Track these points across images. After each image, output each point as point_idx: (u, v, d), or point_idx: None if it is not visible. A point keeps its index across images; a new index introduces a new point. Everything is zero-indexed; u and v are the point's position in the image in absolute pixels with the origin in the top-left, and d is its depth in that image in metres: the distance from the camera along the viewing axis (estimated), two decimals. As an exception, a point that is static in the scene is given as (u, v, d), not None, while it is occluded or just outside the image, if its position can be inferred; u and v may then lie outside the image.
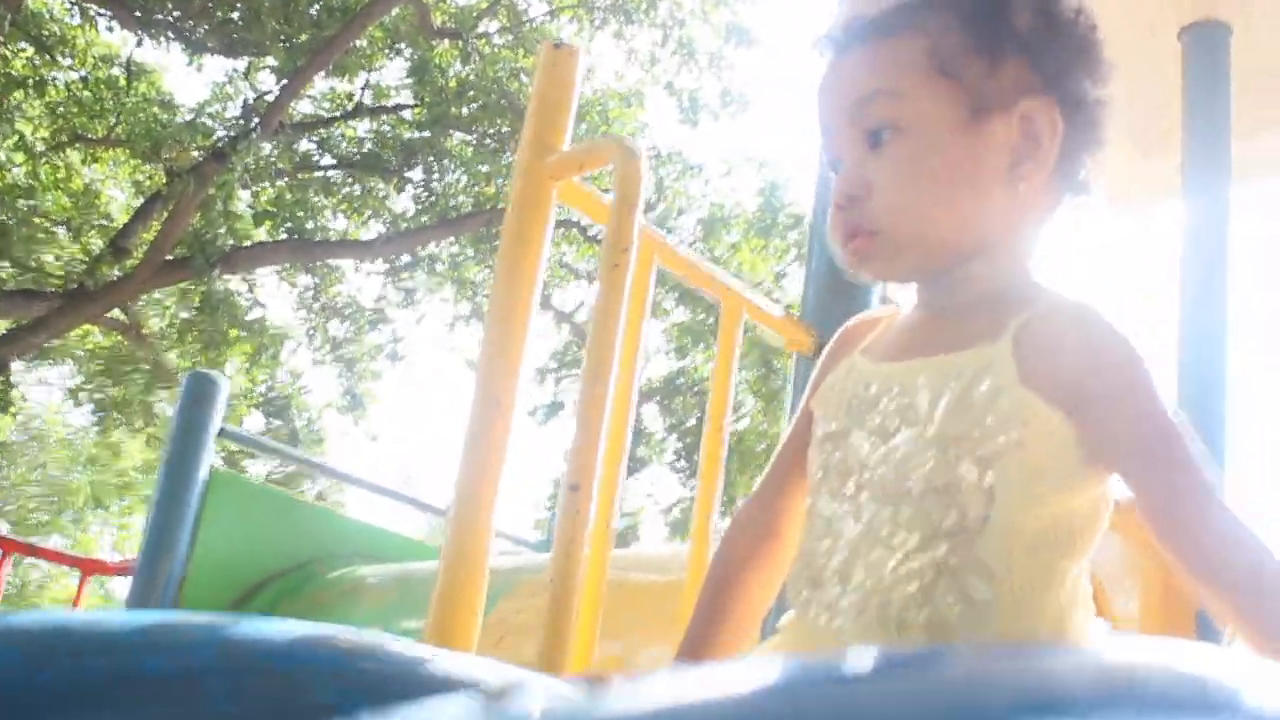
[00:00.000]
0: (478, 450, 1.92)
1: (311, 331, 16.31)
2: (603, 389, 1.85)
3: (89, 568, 5.22)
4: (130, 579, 3.92)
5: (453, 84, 14.05)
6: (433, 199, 14.64)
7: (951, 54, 1.28)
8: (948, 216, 1.28)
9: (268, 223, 14.64)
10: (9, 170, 13.86)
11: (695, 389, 15.49)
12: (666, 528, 16.75)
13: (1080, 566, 1.24)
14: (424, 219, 14.64)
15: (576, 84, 2.12)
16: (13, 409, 13.75)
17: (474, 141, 14.50)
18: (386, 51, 14.64)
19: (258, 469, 17.32)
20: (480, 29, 14.06)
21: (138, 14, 13.19)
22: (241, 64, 14.44)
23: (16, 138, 13.32)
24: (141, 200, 14.58)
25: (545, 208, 2.02)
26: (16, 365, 14.29)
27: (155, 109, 14.08)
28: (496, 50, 14.11)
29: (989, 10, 1.30)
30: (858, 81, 1.31)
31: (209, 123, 14.13)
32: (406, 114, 14.88)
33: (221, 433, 3.89)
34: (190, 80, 37.38)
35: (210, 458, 3.84)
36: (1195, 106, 3.61)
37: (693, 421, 15.49)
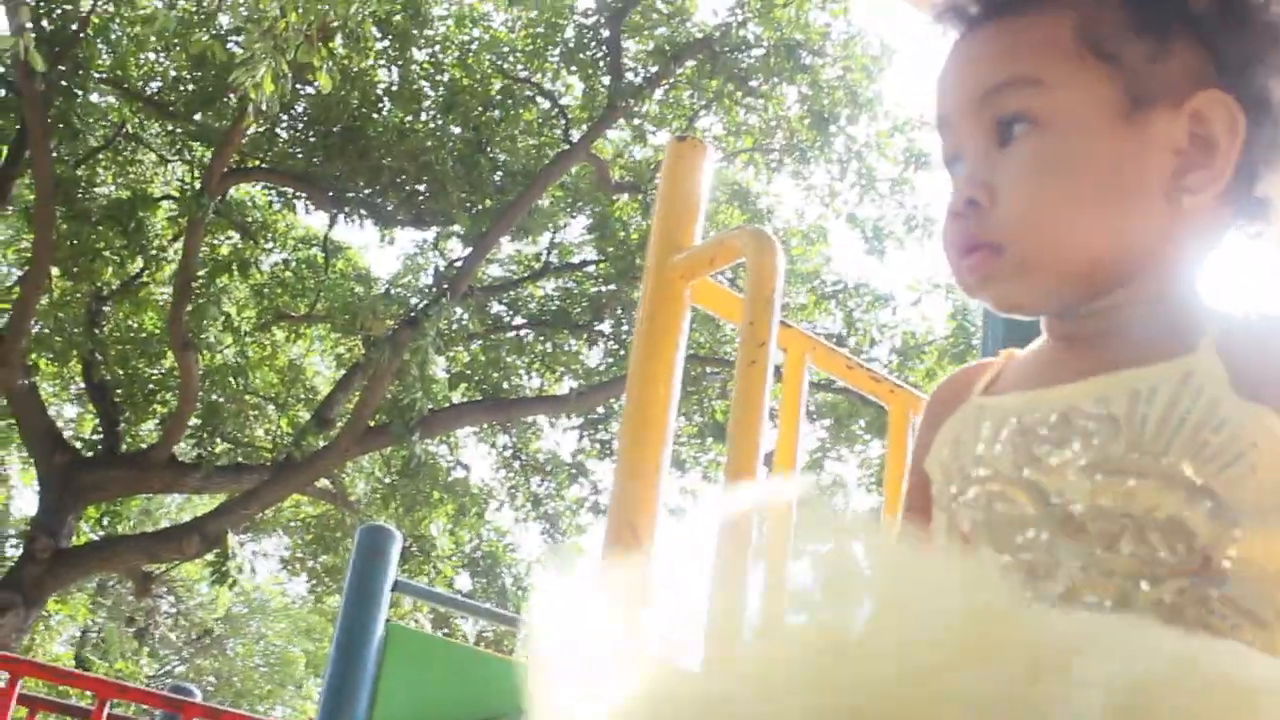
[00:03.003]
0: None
1: (513, 489, 16.44)
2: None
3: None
4: (314, 741, 3.84)
5: (634, 236, 14.19)
6: (623, 350, 14.71)
7: (1108, 32, 1.03)
8: (1090, 231, 1.02)
9: (463, 385, 14.91)
10: (219, 351, 14.47)
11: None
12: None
13: None
14: (615, 370, 14.70)
15: (705, 178, 1.98)
16: (230, 580, 14.09)
17: (660, 291, 14.56)
18: (568, 210, 14.92)
19: (469, 628, 17.40)
20: (657, 180, 14.23)
21: (331, 194, 13.75)
22: (430, 234, 14.90)
23: (224, 319, 13.90)
24: (343, 372, 15.04)
25: (678, 310, 1.87)
26: (233, 539, 14.71)
27: (352, 284, 14.58)
28: (676, 199, 14.23)
29: None
30: (989, 66, 1.07)
31: (403, 293, 14.54)
32: (591, 269, 15.08)
33: (396, 586, 3.82)
34: (384, 254, 38.92)
35: (385, 613, 3.76)
36: None
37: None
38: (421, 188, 13.69)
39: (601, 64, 13.75)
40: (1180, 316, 1.03)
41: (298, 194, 14.44)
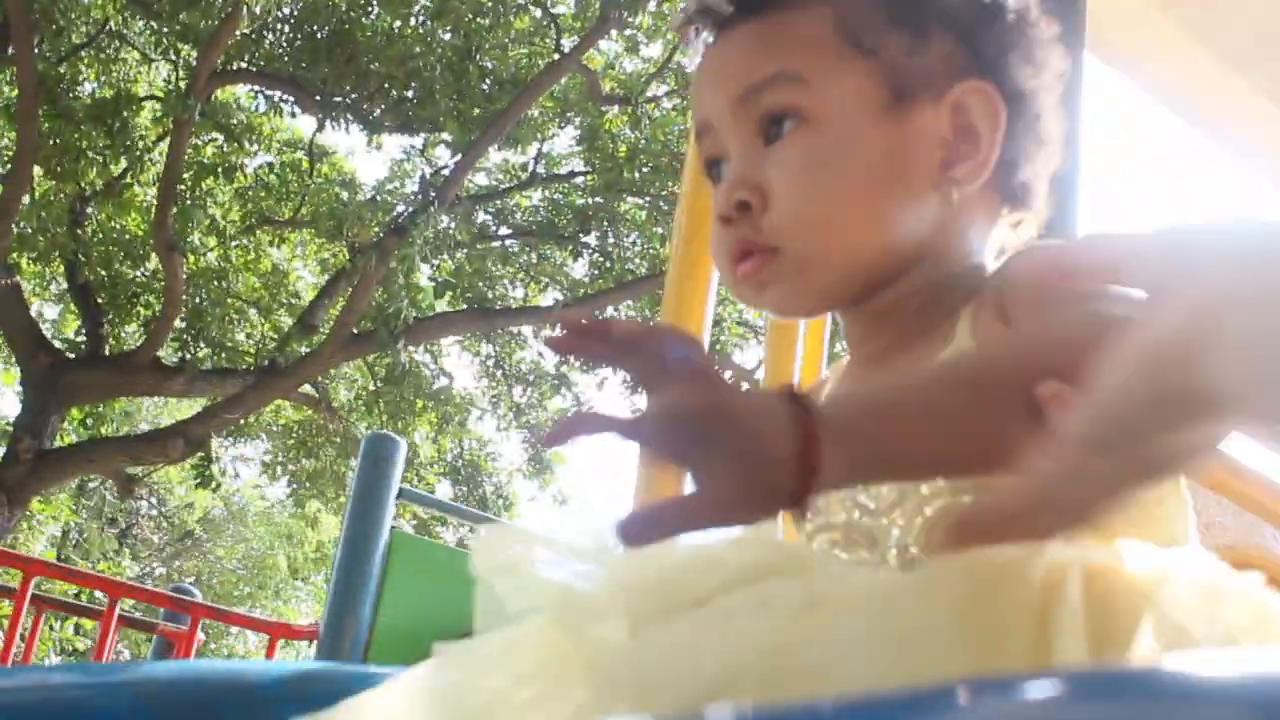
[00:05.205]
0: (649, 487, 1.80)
1: (495, 399, 16.50)
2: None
3: (277, 632, 5.27)
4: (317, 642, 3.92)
5: (623, 149, 14.13)
6: (608, 264, 14.71)
7: (866, 26, 1.02)
8: (864, 224, 1.01)
9: (449, 294, 14.90)
10: (203, 254, 14.40)
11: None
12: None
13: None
14: (600, 283, 14.71)
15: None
16: (214, 484, 14.15)
17: (647, 205, 14.56)
18: (557, 120, 14.83)
19: (449, 536, 17.55)
20: (649, 93, 14.14)
21: (318, 98, 13.62)
22: (418, 141, 14.80)
23: (208, 222, 13.82)
24: (327, 278, 15.00)
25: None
26: (215, 443, 14.74)
27: (338, 189, 14.50)
28: (666, 114, 14.17)
29: None
30: (749, 64, 1.04)
31: (388, 199, 14.48)
32: (579, 181, 15.02)
33: (401, 494, 3.86)
34: (370, 159, 38.61)
35: (390, 519, 3.80)
36: None
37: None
38: (409, 94, 13.57)
39: (595, -27, 13.60)
40: (951, 300, 1.02)
41: (284, 97, 14.29)
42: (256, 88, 14.32)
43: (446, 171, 13.95)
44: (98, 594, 13.29)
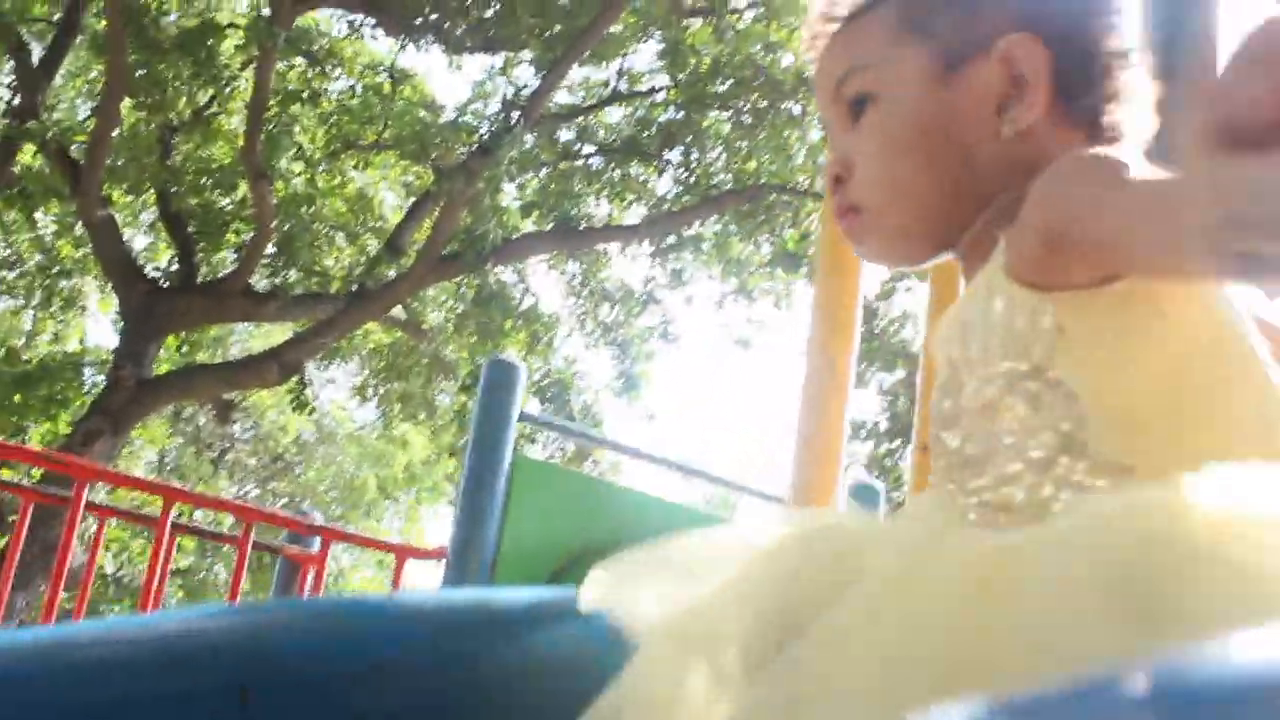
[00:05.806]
0: (814, 419, 1.82)
1: (583, 317, 16.57)
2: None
3: (403, 553, 5.39)
4: (441, 564, 4.00)
5: (706, 63, 14.00)
6: (693, 179, 14.64)
7: (921, 13, 1.18)
8: (928, 179, 1.15)
9: (534, 213, 14.93)
10: (290, 180, 14.53)
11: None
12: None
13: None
14: (686, 199, 14.66)
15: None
16: (309, 408, 14.40)
17: (730, 119, 14.46)
18: (639, 35, 14.71)
19: (536, 453, 17.72)
20: (731, 5, 13.98)
21: (399, 20, 13.62)
22: (499, 60, 14.76)
23: (295, 148, 13.92)
24: (412, 201, 15.08)
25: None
26: (310, 367, 14.96)
27: (420, 111, 14.52)
28: (749, 26, 14.02)
29: None
30: (835, 64, 1.24)
31: (471, 121, 14.48)
32: (661, 96, 14.92)
33: (521, 417, 3.92)
34: (451, 81, 38.84)
35: (512, 443, 3.86)
36: None
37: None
38: (490, 13, 13.52)
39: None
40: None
41: (365, 20, 14.31)
42: (337, 11, 14.34)
43: (528, 91, 13.91)
44: (197, 515, 13.68)
